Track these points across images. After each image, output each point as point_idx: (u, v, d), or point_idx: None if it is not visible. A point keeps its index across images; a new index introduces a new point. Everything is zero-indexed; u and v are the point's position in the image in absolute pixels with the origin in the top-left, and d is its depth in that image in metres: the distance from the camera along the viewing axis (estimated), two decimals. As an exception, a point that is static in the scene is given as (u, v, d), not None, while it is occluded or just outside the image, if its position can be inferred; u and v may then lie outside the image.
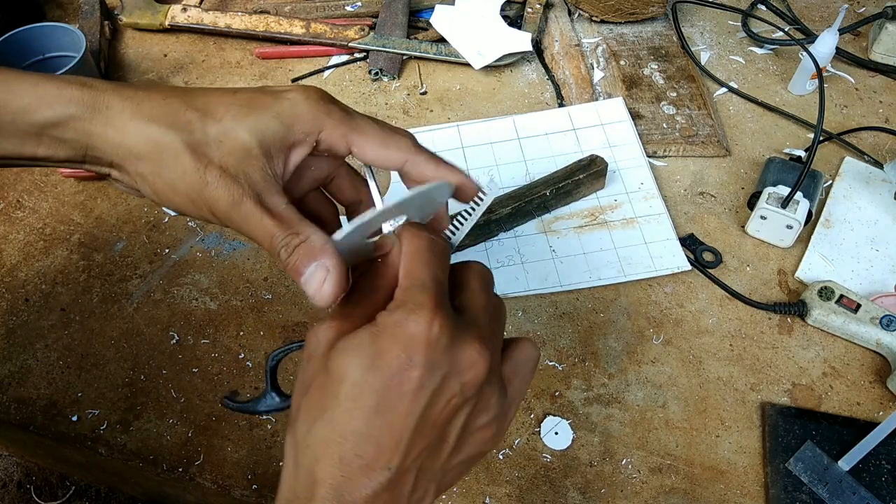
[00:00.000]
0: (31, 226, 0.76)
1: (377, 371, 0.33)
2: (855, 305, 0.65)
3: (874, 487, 0.57)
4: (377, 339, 0.34)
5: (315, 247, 0.37)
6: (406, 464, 0.34)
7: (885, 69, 0.90)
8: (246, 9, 0.99)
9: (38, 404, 0.63)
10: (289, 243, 0.37)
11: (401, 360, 0.33)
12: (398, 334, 0.33)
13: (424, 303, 0.34)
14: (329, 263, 0.37)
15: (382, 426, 0.33)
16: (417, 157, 0.41)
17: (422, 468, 0.35)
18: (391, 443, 0.33)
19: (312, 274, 0.36)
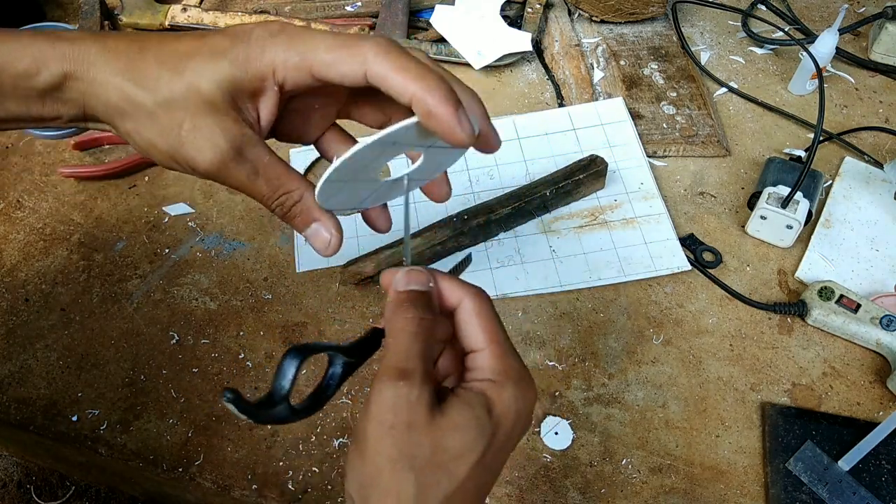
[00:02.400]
0: (31, 226, 0.76)
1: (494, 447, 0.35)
2: (855, 305, 0.65)
3: (874, 487, 0.57)
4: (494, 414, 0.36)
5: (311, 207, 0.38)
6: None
7: (885, 69, 0.90)
8: (246, 9, 0.99)
9: (38, 404, 0.63)
10: (283, 203, 0.38)
11: (510, 432, 0.36)
12: (514, 409, 0.36)
13: (528, 376, 0.37)
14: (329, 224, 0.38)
15: (480, 494, 0.36)
16: (378, 66, 0.34)
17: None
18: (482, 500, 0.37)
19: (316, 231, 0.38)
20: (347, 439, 0.61)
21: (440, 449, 0.33)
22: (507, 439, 0.36)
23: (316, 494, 0.58)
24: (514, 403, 0.36)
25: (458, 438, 0.34)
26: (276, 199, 0.38)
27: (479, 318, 0.38)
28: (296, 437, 0.61)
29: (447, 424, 0.34)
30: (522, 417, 0.37)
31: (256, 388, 0.64)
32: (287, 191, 0.38)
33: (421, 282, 0.38)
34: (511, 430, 0.36)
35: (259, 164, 0.37)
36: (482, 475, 0.35)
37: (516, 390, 0.36)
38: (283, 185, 0.38)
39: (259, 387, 0.64)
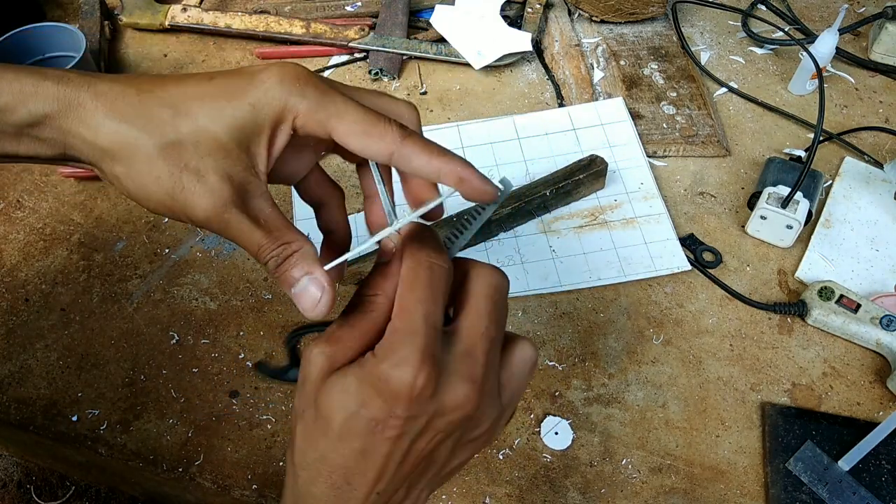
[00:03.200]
0: (31, 226, 0.76)
1: (361, 419, 0.34)
2: (855, 305, 0.65)
3: (874, 487, 0.57)
4: (363, 387, 0.34)
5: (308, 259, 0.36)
6: (394, 485, 0.36)
7: (885, 69, 0.90)
8: (246, 9, 0.99)
9: (38, 404, 0.63)
10: (278, 255, 0.36)
11: (383, 412, 0.33)
12: (382, 388, 0.33)
13: (410, 356, 0.33)
14: (323, 280, 0.36)
15: (367, 464, 0.35)
16: (405, 149, 0.36)
17: (411, 483, 0.36)
18: (376, 476, 0.35)
19: (305, 288, 0.36)
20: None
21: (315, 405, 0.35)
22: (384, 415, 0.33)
23: (316, 494, 0.58)
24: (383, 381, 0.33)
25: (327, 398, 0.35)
26: (273, 249, 0.36)
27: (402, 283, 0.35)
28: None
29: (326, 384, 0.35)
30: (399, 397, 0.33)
31: (256, 388, 0.64)
32: (286, 241, 0.36)
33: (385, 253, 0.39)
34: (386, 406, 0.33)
35: (260, 214, 0.36)
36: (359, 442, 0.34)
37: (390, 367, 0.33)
38: (283, 236, 0.36)
39: (259, 386, 0.64)
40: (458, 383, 0.34)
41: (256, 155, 0.36)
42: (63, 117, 0.36)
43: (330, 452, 0.35)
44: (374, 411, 0.33)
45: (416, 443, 0.35)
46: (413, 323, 0.34)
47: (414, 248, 0.36)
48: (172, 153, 0.35)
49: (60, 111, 0.35)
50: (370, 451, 0.34)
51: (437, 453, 0.36)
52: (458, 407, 0.34)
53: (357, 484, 0.35)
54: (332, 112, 0.35)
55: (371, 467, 0.35)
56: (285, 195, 0.77)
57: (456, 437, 0.36)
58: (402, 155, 0.36)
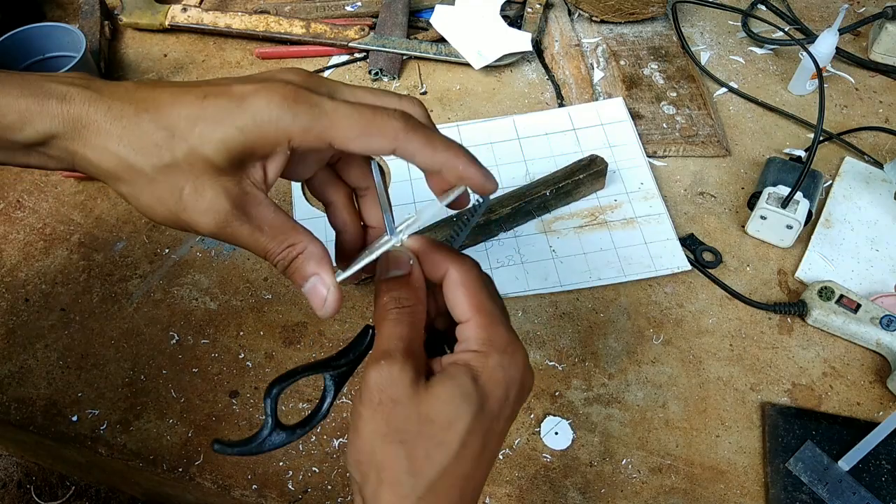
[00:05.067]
0: (31, 226, 0.76)
1: (484, 417, 0.35)
2: (855, 305, 0.65)
3: (874, 487, 0.57)
4: (480, 383, 0.35)
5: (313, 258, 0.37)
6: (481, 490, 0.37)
7: (885, 69, 0.90)
8: (246, 9, 0.99)
9: (38, 404, 0.63)
10: (286, 257, 0.37)
11: (501, 402, 0.35)
12: (500, 378, 0.35)
13: (517, 343, 0.37)
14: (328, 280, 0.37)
15: (481, 467, 0.36)
16: (409, 144, 0.36)
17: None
18: (482, 479, 0.36)
19: (313, 287, 0.37)
20: (347, 439, 0.61)
21: (426, 420, 0.34)
22: (500, 407, 0.36)
23: (316, 494, 0.58)
24: (500, 371, 0.36)
25: (443, 408, 0.34)
26: (280, 251, 0.37)
27: (463, 287, 0.38)
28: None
29: (432, 396, 0.35)
30: (514, 384, 0.37)
31: (256, 388, 0.64)
32: (291, 243, 0.37)
33: (400, 265, 0.39)
34: (503, 397, 0.36)
35: (263, 221, 0.37)
36: (477, 444, 0.35)
37: (502, 358, 0.36)
38: (287, 238, 0.37)
39: (259, 387, 0.64)
40: (530, 368, 0.39)
41: (252, 173, 0.37)
42: (69, 139, 0.36)
43: (454, 464, 0.34)
44: (494, 403, 0.35)
45: (513, 417, 0.38)
46: (499, 317, 0.37)
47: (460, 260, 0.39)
48: (170, 175, 0.36)
49: (66, 132, 0.36)
50: (485, 448, 0.35)
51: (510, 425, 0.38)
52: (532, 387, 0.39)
53: (467, 496, 0.35)
54: (326, 124, 0.35)
55: (482, 469, 0.36)
56: (285, 195, 0.77)
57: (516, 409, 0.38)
58: (404, 149, 0.36)
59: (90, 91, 0.36)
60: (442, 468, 0.34)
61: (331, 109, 0.35)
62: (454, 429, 0.34)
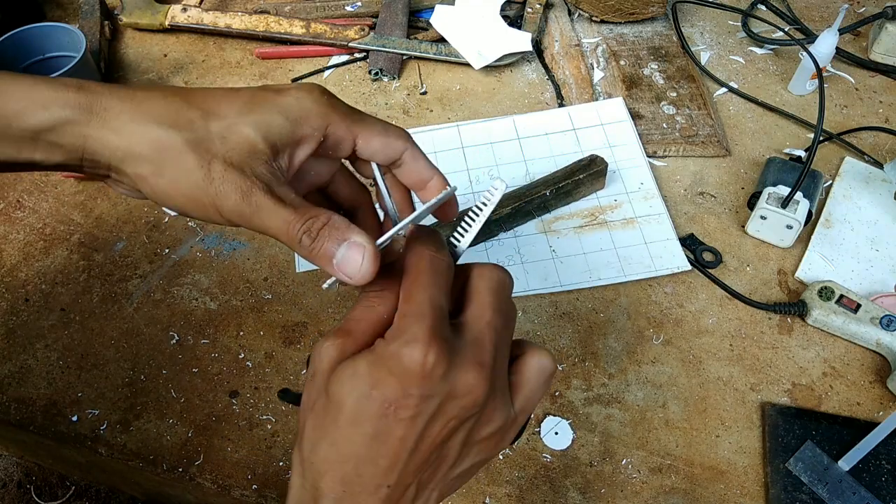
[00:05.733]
0: (31, 226, 0.76)
1: (373, 401, 0.33)
2: (855, 305, 0.65)
3: (874, 487, 0.57)
4: (374, 369, 0.34)
5: (341, 226, 0.36)
6: (405, 480, 0.35)
7: (885, 69, 0.90)
8: (246, 9, 0.99)
9: (38, 404, 0.63)
10: (311, 227, 0.36)
11: (396, 391, 0.33)
12: (394, 366, 0.33)
13: (420, 333, 0.33)
14: (361, 240, 0.35)
15: (379, 450, 0.34)
16: (415, 150, 0.41)
17: (422, 481, 0.36)
18: (388, 465, 0.34)
19: (345, 255, 0.35)
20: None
21: (325, 394, 0.35)
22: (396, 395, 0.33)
23: (316, 494, 0.58)
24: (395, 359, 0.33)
25: (337, 385, 0.35)
26: (302, 224, 0.36)
27: (410, 275, 0.36)
28: (296, 437, 0.61)
29: (335, 373, 0.35)
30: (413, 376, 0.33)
31: (256, 388, 0.64)
32: (314, 215, 0.36)
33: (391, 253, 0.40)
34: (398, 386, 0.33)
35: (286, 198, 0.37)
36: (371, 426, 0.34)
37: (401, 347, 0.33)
38: (309, 210, 0.36)
39: (259, 387, 0.64)
40: (468, 367, 0.34)
41: (281, 155, 0.38)
42: (83, 123, 0.37)
43: (341, 440, 0.34)
44: (387, 391, 0.33)
45: (429, 427, 0.34)
46: (420, 306, 0.34)
47: (416, 244, 0.37)
48: (201, 147, 0.36)
49: (81, 116, 0.37)
50: (383, 434, 0.34)
51: (449, 446, 0.36)
52: (468, 391, 0.34)
53: (367, 475, 0.34)
54: (357, 119, 0.40)
55: (383, 454, 0.34)
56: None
57: (468, 429, 0.36)
58: (411, 154, 0.41)
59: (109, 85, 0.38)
60: (331, 441, 0.35)
61: (360, 114, 0.41)
62: (344, 408, 0.34)
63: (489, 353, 0.35)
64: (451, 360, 0.34)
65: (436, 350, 0.33)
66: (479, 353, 0.35)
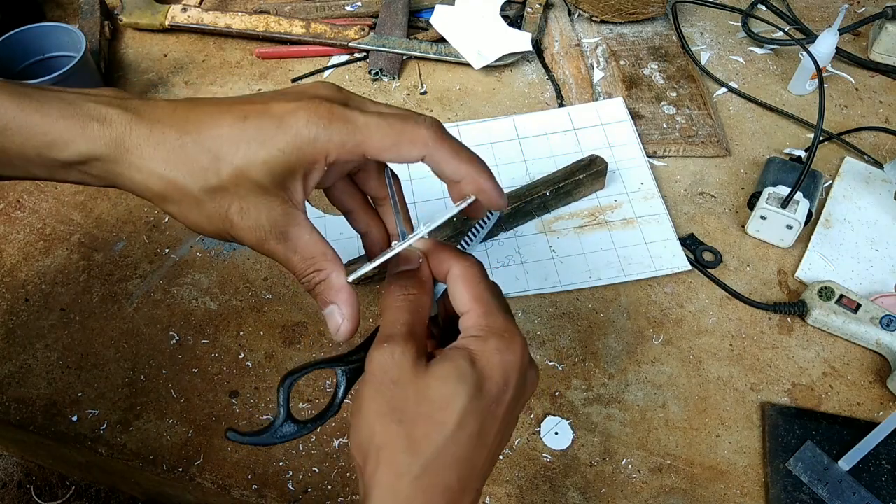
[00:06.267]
0: (31, 226, 0.76)
1: (482, 398, 0.35)
2: (855, 305, 0.65)
3: (874, 487, 0.57)
4: (478, 366, 0.36)
5: (332, 289, 0.39)
6: (484, 481, 0.37)
7: (885, 69, 0.90)
8: (246, 9, 0.99)
9: (38, 404, 0.63)
10: (310, 281, 0.40)
11: (500, 386, 0.36)
12: (497, 361, 0.36)
13: (514, 330, 0.37)
14: (344, 310, 0.39)
15: (479, 450, 0.36)
16: (437, 152, 0.39)
17: (488, 468, 0.38)
18: (482, 465, 0.36)
19: (331, 313, 0.40)
20: (347, 439, 0.61)
21: (425, 400, 0.35)
22: (498, 390, 0.36)
23: (316, 494, 0.58)
24: (497, 354, 0.37)
25: (440, 388, 0.35)
26: (306, 274, 0.40)
27: (463, 281, 0.39)
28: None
29: (430, 377, 0.36)
30: (513, 369, 0.37)
31: (256, 388, 0.64)
32: (317, 269, 0.40)
33: (409, 261, 0.41)
34: (501, 380, 0.36)
35: (298, 243, 0.40)
36: (474, 425, 0.35)
37: (499, 342, 0.37)
38: (315, 263, 0.40)
39: (259, 387, 0.64)
40: (533, 363, 0.40)
41: (293, 190, 0.39)
42: (111, 161, 0.38)
43: (449, 444, 0.35)
44: (493, 386, 0.36)
45: (511, 423, 0.38)
46: (497, 307, 0.39)
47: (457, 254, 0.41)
48: (216, 196, 0.38)
49: (108, 154, 0.38)
50: (483, 432, 0.35)
51: (514, 417, 0.39)
52: (535, 383, 0.40)
53: (465, 479, 0.35)
54: (360, 138, 0.38)
55: (480, 453, 0.36)
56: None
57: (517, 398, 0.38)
58: (432, 157, 0.39)
59: (129, 113, 0.38)
60: (438, 447, 0.34)
61: (363, 124, 0.38)
62: (451, 408, 0.35)
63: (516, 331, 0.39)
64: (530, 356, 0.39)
65: (525, 345, 0.38)
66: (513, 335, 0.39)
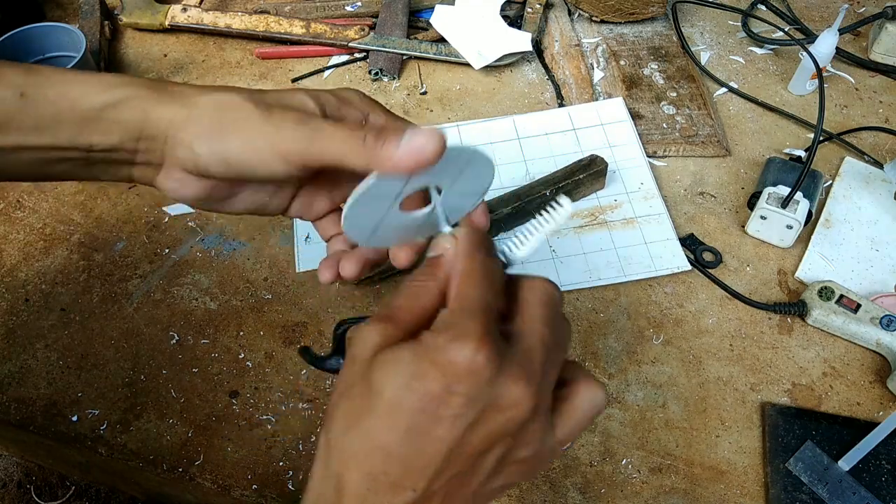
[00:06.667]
0: (31, 226, 0.76)
1: (414, 392, 0.32)
2: (855, 305, 0.65)
3: (874, 487, 0.57)
4: (419, 360, 0.32)
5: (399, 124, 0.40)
6: (433, 488, 0.33)
7: (885, 69, 0.90)
8: (246, 9, 0.99)
9: (38, 404, 0.63)
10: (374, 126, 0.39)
11: (440, 386, 0.31)
12: (440, 359, 0.32)
13: (471, 330, 0.32)
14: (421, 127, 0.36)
15: (412, 448, 0.32)
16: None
17: (448, 493, 0.33)
18: (419, 466, 0.32)
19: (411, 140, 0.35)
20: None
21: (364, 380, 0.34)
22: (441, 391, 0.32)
23: (316, 494, 0.58)
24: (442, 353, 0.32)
25: (379, 372, 0.33)
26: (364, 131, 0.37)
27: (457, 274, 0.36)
28: (296, 437, 0.61)
29: (377, 360, 0.34)
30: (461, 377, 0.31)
31: (256, 388, 0.64)
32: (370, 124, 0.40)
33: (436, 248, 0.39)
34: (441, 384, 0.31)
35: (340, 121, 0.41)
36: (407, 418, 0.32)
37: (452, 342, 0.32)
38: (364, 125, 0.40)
39: (259, 387, 0.64)
40: (516, 379, 0.32)
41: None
42: (147, 98, 0.40)
43: (375, 429, 0.32)
44: (430, 385, 0.31)
45: (469, 434, 0.32)
46: (472, 303, 0.33)
47: (469, 244, 0.37)
48: (260, 102, 0.40)
49: (147, 93, 0.40)
50: (419, 430, 0.32)
51: (484, 461, 0.34)
52: (514, 404, 0.32)
53: (395, 473, 0.32)
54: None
55: (415, 452, 0.32)
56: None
57: (506, 446, 0.34)
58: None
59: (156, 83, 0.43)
60: (363, 430, 0.33)
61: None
62: (382, 396, 0.32)
63: (539, 369, 0.33)
64: (500, 366, 0.32)
65: (486, 351, 0.31)
66: (529, 367, 0.33)
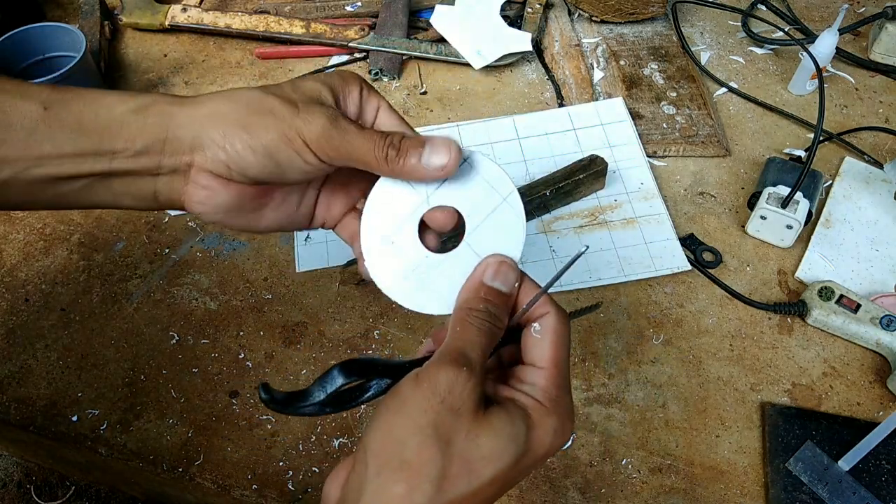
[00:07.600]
0: (31, 226, 0.76)
1: (518, 466, 0.35)
2: (855, 305, 0.65)
3: (874, 487, 0.57)
4: (531, 436, 0.36)
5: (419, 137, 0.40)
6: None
7: (885, 69, 0.90)
8: (246, 9, 0.99)
9: (38, 404, 0.63)
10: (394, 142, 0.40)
11: (539, 462, 0.36)
12: (549, 442, 0.36)
13: (572, 415, 0.38)
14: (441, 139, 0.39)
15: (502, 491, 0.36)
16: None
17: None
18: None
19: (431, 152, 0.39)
20: (347, 439, 0.61)
21: (473, 445, 0.34)
22: (531, 464, 0.36)
23: (316, 494, 0.58)
24: (551, 436, 0.37)
25: (492, 443, 0.35)
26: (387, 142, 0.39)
27: (553, 336, 0.39)
28: (296, 437, 0.61)
29: (487, 425, 0.35)
30: (552, 451, 0.37)
31: (256, 387, 0.64)
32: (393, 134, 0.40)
33: (508, 281, 0.41)
34: (539, 458, 0.37)
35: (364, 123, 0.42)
36: (499, 486, 0.35)
37: (559, 424, 0.37)
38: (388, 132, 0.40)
39: (259, 386, 0.64)
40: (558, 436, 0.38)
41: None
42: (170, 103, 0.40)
43: (473, 496, 0.34)
44: (532, 460, 0.36)
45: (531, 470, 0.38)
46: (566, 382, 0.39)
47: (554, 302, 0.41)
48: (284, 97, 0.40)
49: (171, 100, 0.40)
50: (503, 490, 0.36)
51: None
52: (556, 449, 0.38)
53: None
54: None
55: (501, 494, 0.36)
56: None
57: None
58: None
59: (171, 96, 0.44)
60: (462, 494, 0.34)
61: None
62: (492, 465, 0.34)
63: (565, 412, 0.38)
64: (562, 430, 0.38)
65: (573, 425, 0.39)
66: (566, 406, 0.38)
